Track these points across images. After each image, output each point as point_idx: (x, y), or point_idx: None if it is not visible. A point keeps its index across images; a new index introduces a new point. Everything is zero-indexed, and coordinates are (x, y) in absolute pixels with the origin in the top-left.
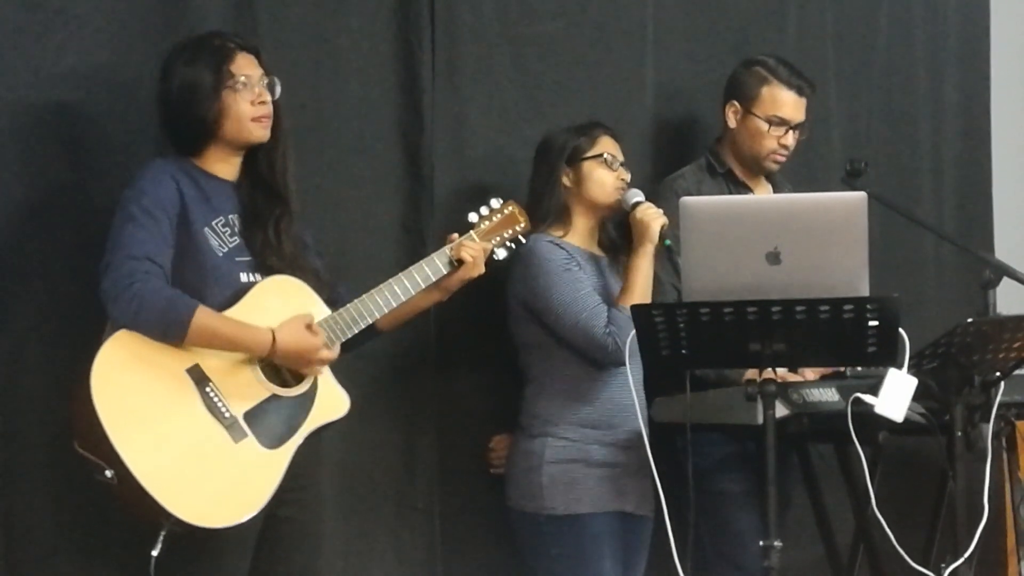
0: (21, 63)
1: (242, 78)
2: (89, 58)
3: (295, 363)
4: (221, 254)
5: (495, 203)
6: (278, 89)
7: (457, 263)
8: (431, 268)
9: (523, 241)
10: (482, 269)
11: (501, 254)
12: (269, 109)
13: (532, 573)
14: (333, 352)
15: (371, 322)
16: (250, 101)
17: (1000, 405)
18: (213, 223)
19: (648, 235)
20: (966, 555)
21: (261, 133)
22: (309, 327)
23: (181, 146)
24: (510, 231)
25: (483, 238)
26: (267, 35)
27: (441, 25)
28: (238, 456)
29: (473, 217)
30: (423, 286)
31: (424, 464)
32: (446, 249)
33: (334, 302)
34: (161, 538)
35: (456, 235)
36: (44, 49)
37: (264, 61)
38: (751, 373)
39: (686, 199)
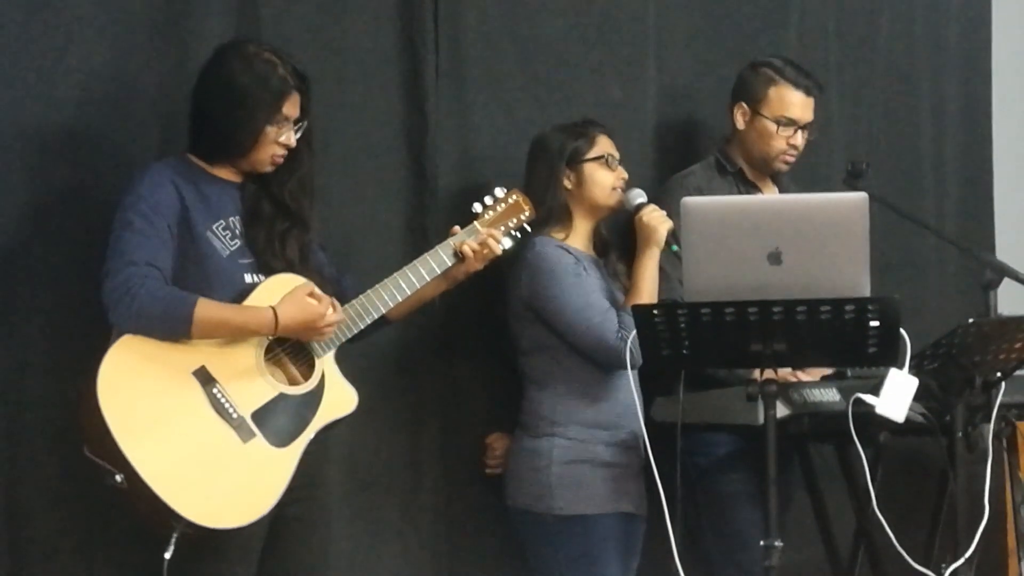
0: (23, 63)
1: (285, 119)
2: (91, 58)
3: (303, 334)
4: (224, 256)
5: (499, 192)
6: (301, 131)
7: (460, 255)
8: (435, 261)
9: (528, 229)
10: (484, 262)
11: (507, 243)
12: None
13: (538, 573)
14: (339, 314)
15: (376, 317)
16: (278, 141)
17: (1001, 406)
18: (214, 227)
19: (655, 239)
20: (967, 555)
21: (269, 168)
22: (311, 295)
23: (195, 141)
24: (515, 220)
25: (487, 228)
26: (270, 36)
27: (445, 26)
28: (247, 456)
29: (477, 207)
30: (428, 279)
31: (430, 464)
32: (450, 242)
33: (339, 296)
34: (173, 540)
35: (458, 228)
36: (46, 49)
37: (307, 102)
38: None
39: (687, 199)
